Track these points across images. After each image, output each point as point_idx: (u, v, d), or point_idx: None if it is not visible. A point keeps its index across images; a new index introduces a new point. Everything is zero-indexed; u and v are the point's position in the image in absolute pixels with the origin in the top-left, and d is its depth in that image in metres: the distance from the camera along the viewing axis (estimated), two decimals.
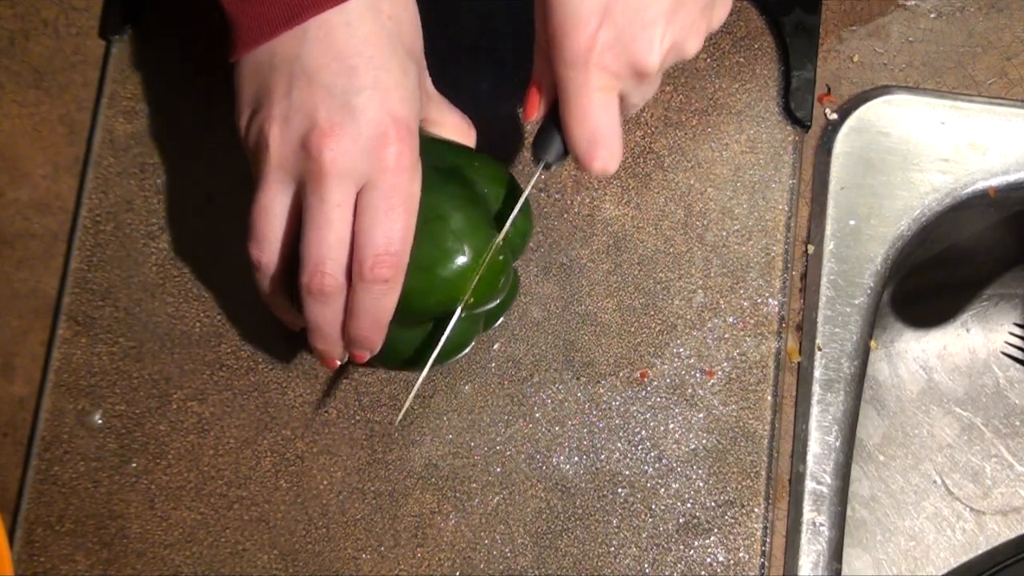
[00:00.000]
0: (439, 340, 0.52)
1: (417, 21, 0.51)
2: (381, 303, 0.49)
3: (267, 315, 0.59)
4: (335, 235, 0.48)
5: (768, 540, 0.57)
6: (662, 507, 0.57)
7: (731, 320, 0.59)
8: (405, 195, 0.48)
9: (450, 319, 0.51)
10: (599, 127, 0.49)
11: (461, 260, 0.50)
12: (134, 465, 0.58)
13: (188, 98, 0.62)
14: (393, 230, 0.47)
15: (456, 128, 0.55)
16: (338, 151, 0.47)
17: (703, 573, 0.57)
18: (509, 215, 0.52)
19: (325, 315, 0.50)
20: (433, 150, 0.52)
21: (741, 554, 0.57)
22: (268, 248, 0.50)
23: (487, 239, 0.51)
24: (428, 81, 0.54)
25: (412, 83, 0.49)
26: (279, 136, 0.48)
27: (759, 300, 0.60)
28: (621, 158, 0.51)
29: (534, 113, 0.52)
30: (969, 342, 0.80)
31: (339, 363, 0.53)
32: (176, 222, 0.61)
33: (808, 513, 0.58)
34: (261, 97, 0.49)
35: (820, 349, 0.59)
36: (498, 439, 0.58)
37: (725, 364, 0.59)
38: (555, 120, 0.51)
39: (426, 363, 0.52)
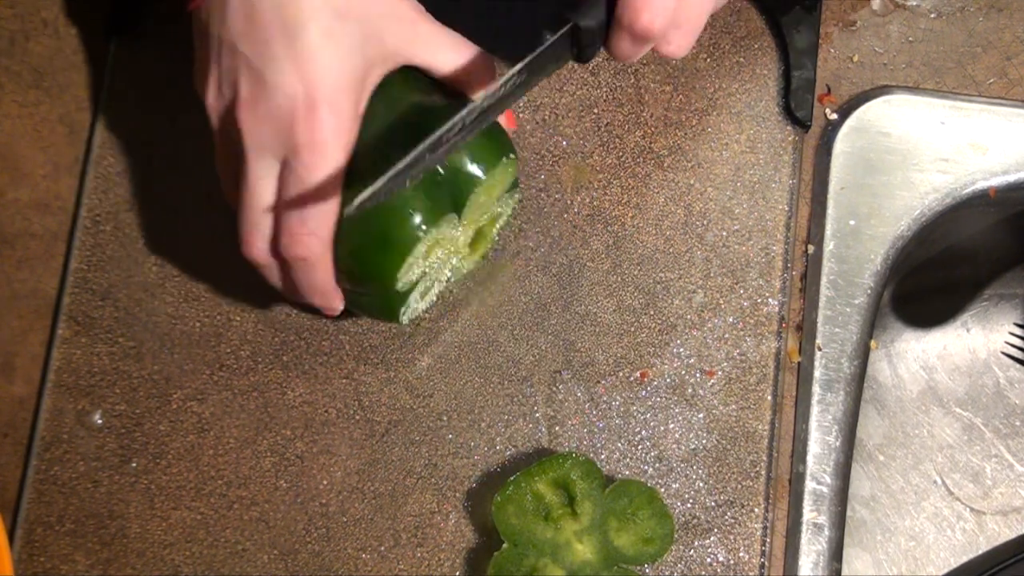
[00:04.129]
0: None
1: None
2: (310, 277, 0.48)
3: (267, 315, 0.60)
4: (259, 208, 0.47)
5: (768, 540, 0.57)
6: None
7: (731, 320, 0.59)
8: (321, 173, 0.45)
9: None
10: None
11: (402, 230, 0.47)
12: (134, 465, 0.58)
13: (188, 98, 0.62)
14: (306, 211, 0.46)
15: (454, 67, 0.49)
16: (252, 125, 0.45)
17: (703, 573, 0.57)
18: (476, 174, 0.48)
19: (274, 279, 0.50)
20: (399, 97, 0.48)
21: (741, 554, 0.57)
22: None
23: (429, 207, 0.47)
24: (416, 17, 0.49)
25: (342, 43, 0.45)
26: (214, 103, 0.48)
27: (759, 300, 0.59)
28: (689, 39, 0.46)
29: None
30: (969, 342, 0.80)
31: (339, 309, 0.52)
32: (176, 222, 0.61)
33: (808, 513, 0.58)
34: (201, 57, 0.48)
35: (820, 349, 0.59)
36: (498, 439, 0.58)
37: (725, 364, 0.59)
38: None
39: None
